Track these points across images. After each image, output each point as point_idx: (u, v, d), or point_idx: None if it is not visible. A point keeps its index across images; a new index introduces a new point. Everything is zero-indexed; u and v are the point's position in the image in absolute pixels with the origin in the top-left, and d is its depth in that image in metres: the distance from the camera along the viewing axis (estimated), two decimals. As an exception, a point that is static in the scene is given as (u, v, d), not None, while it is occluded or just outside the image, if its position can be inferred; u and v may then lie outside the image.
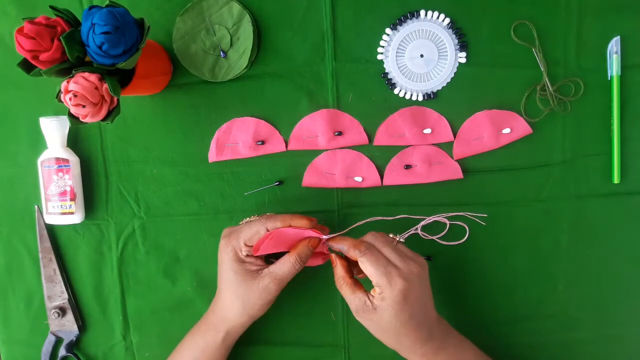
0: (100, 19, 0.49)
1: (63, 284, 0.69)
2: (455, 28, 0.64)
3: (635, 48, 0.64)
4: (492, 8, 0.64)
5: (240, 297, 0.59)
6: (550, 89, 0.64)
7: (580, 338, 0.68)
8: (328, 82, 0.65)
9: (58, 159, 0.66)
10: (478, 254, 0.67)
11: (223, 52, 0.64)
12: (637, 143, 0.65)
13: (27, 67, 0.52)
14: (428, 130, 0.65)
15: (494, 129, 0.65)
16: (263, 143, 0.66)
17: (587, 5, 0.63)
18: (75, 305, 0.70)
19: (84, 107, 0.51)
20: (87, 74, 0.51)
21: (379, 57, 0.65)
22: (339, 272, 0.58)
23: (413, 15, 0.64)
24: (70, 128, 0.67)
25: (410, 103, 0.66)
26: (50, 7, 0.52)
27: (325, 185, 0.67)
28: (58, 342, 0.70)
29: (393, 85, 0.65)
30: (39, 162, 0.66)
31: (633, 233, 0.67)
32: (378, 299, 0.54)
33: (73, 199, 0.66)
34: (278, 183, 0.67)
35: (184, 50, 0.65)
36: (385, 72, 0.65)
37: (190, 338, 0.63)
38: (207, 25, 0.64)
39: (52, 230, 0.69)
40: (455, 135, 0.66)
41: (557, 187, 0.66)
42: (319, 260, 0.63)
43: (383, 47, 0.65)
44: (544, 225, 0.67)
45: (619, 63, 0.63)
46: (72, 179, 0.66)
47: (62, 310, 0.69)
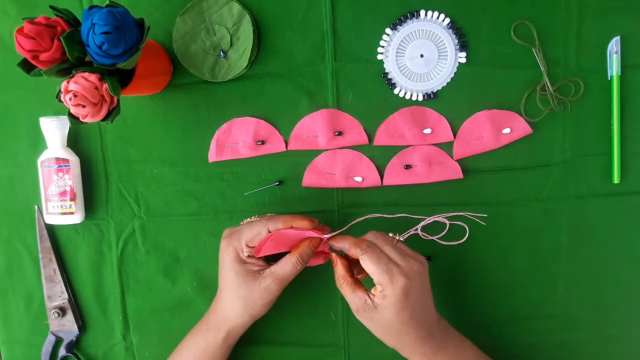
0: (100, 19, 0.49)
1: (63, 284, 0.69)
2: (455, 28, 0.64)
3: (635, 48, 0.64)
4: (492, 8, 0.64)
5: (242, 297, 0.59)
6: (550, 89, 0.64)
7: (580, 338, 0.68)
8: (328, 82, 0.65)
9: (58, 159, 0.66)
10: (478, 254, 0.67)
11: (223, 52, 0.64)
12: (637, 143, 0.65)
13: (27, 67, 0.52)
14: (428, 130, 0.65)
15: (494, 129, 0.65)
16: (263, 143, 0.66)
17: (587, 5, 0.63)
18: (75, 305, 0.70)
19: (84, 107, 0.51)
20: (87, 74, 0.51)
21: (379, 57, 0.65)
22: (340, 271, 0.58)
23: (413, 15, 0.64)
24: (70, 128, 0.67)
25: (410, 103, 0.66)
26: (50, 7, 0.52)
27: (325, 185, 0.67)
28: (58, 342, 0.70)
29: (393, 85, 0.65)
30: (39, 162, 0.66)
31: (633, 233, 0.67)
32: (379, 297, 0.54)
33: (73, 199, 0.66)
34: (278, 183, 0.67)
35: (184, 50, 0.65)
36: (385, 72, 0.65)
37: (191, 338, 0.63)
38: (207, 25, 0.64)
39: (52, 230, 0.69)
40: (455, 135, 0.66)
41: (557, 187, 0.66)
42: (320, 260, 0.63)
43: (383, 47, 0.65)
44: (544, 225, 0.67)
45: (619, 63, 0.63)
46: (72, 179, 0.66)
47: (62, 310, 0.69)
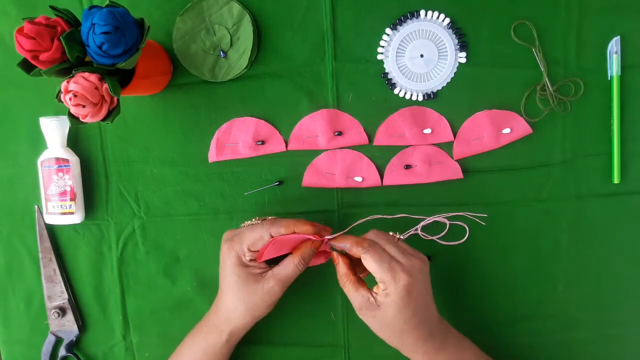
0: (100, 19, 0.49)
1: (63, 284, 0.69)
2: (455, 28, 0.64)
3: (635, 48, 0.64)
4: (492, 8, 0.64)
5: (244, 299, 0.59)
6: (550, 89, 0.64)
7: (580, 338, 0.68)
8: (328, 82, 0.65)
9: (58, 159, 0.66)
10: (478, 254, 0.67)
11: (223, 52, 0.64)
12: (637, 143, 0.65)
13: (27, 67, 0.52)
14: (428, 130, 0.65)
15: (494, 129, 0.65)
16: (263, 143, 0.66)
17: (587, 5, 0.63)
18: (75, 305, 0.70)
19: (84, 107, 0.51)
20: (87, 74, 0.51)
21: (379, 57, 0.65)
22: (342, 269, 0.58)
23: (413, 15, 0.64)
24: (70, 128, 0.67)
25: (410, 103, 0.66)
26: (50, 7, 0.52)
27: (325, 185, 0.67)
28: (58, 342, 0.70)
29: (393, 85, 0.65)
30: (39, 162, 0.66)
31: (633, 233, 0.67)
32: (382, 296, 0.54)
33: (73, 199, 0.66)
34: (278, 183, 0.67)
35: (184, 50, 0.65)
36: (385, 72, 0.65)
37: (192, 339, 0.63)
38: (207, 25, 0.64)
39: (52, 230, 0.69)
40: (455, 135, 0.66)
41: (557, 187, 0.66)
42: (321, 259, 0.63)
43: (383, 47, 0.65)
44: (544, 225, 0.67)
45: (619, 63, 0.63)
46: (72, 179, 0.66)
47: (62, 310, 0.69)
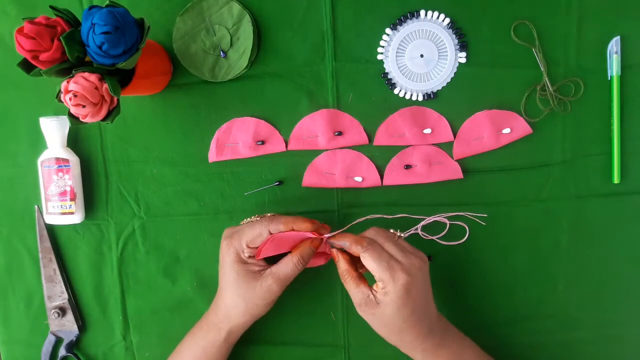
0: (100, 19, 0.49)
1: (63, 284, 0.69)
2: (455, 28, 0.64)
3: (635, 48, 0.64)
4: (492, 8, 0.64)
5: (243, 297, 0.59)
6: (550, 89, 0.64)
7: (580, 338, 0.68)
8: (328, 82, 0.65)
9: (58, 159, 0.66)
10: (478, 254, 0.67)
11: (223, 52, 0.64)
12: (637, 143, 0.65)
13: (27, 67, 0.52)
14: (428, 130, 0.65)
15: (494, 129, 0.65)
16: (263, 143, 0.66)
17: (587, 5, 0.63)
18: (75, 305, 0.70)
19: (84, 107, 0.51)
20: (87, 74, 0.51)
21: (379, 57, 0.65)
22: (342, 266, 0.58)
23: (413, 15, 0.64)
24: (70, 128, 0.67)
25: (410, 103, 0.66)
26: (50, 7, 0.52)
27: (325, 185, 0.67)
28: (58, 342, 0.70)
29: (393, 85, 0.65)
30: (39, 162, 0.66)
31: (633, 233, 0.67)
32: (381, 294, 0.54)
33: (73, 199, 0.66)
34: (278, 183, 0.67)
35: (184, 50, 0.65)
36: (385, 72, 0.65)
37: (191, 338, 0.63)
38: (207, 25, 0.64)
39: (52, 230, 0.69)
40: (455, 135, 0.66)
41: (557, 187, 0.66)
42: (321, 260, 0.63)
43: (383, 47, 0.65)
44: (544, 225, 0.67)
45: (619, 63, 0.63)
46: (72, 179, 0.66)
47: (62, 310, 0.69)
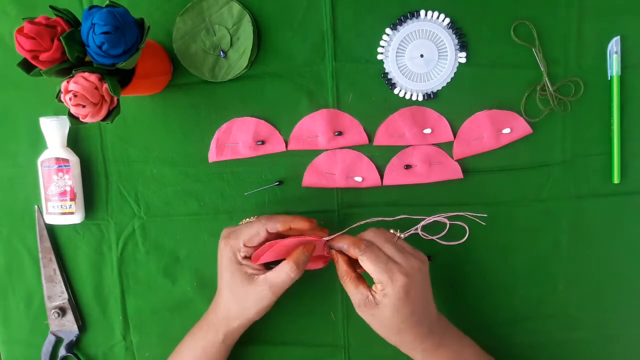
0: (100, 19, 0.49)
1: (63, 284, 0.69)
2: (455, 28, 0.64)
3: (635, 48, 0.64)
4: (492, 8, 0.64)
5: (237, 300, 0.59)
6: (550, 89, 0.64)
7: (580, 338, 0.68)
8: (328, 82, 0.65)
9: (58, 159, 0.66)
10: (478, 254, 0.67)
11: (223, 52, 0.64)
12: (637, 143, 0.65)
13: (27, 67, 0.52)
14: (428, 130, 0.65)
15: (494, 129, 0.65)
16: (263, 143, 0.66)
17: (587, 5, 0.63)
18: (75, 305, 0.70)
19: (84, 107, 0.51)
20: (87, 74, 0.51)
21: (379, 57, 0.65)
22: (342, 267, 0.58)
23: (413, 15, 0.64)
24: (70, 128, 0.67)
25: (410, 103, 0.66)
26: (50, 7, 0.52)
27: (325, 185, 0.67)
28: (58, 342, 0.70)
29: (393, 85, 0.65)
30: (39, 162, 0.66)
31: (633, 233, 0.67)
32: (380, 295, 0.54)
33: (73, 199, 0.66)
34: (278, 183, 0.67)
35: (184, 50, 0.65)
36: (385, 72, 0.65)
37: (191, 338, 0.63)
38: (207, 25, 0.64)
39: (52, 230, 0.69)
40: (455, 135, 0.66)
41: (557, 187, 0.66)
42: (320, 264, 0.63)
43: (383, 47, 0.65)
44: (544, 225, 0.67)
45: (619, 63, 0.63)
46: (72, 179, 0.66)
47: (62, 310, 0.69)
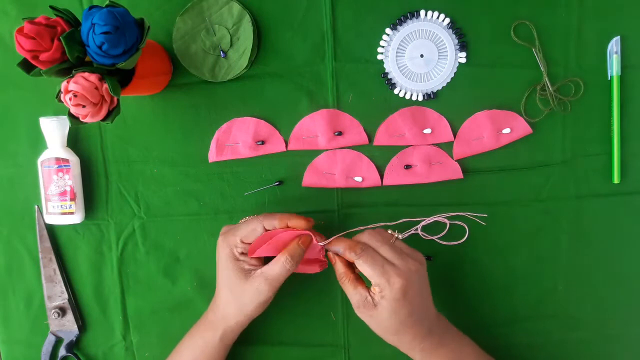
0: (100, 19, 0.49)
1: (63, 284, 0.69)
2: (455, 28, 0.64)
3: (635, 48, 0.64)
4: (492, 8, 0.64)
5: (236, 296, 0.59)
6: (550, 89, 0.64)
7: (580, 338, 0.68)
8: (328, 82, 0.65)
9: (58, 159, 0.66)
10: (478, 254, 0.67)
11: (223, 52, 0.64)
12: (637, 143, 0.65)
13: (27, 67, 0.52)
14: (428, 130, 0.65)
15: (494, 129, 0.65)
16: (263, 143, 0.66)
17: (587, 5, 0.63)
18: (75, 305, 0.70)
19: (84, 107, 0.51)
20: (87, 74, 0.51)
21: (379, 57, 0.65)
22: (340, 268, 0.58)
23: (413, 15, 0.64)
24: (70, 128, 0.67)
25: (410, 103, 0.66)
26: (50, 7, 0.52)
27: (325, 185, 0.67)
28: (58, 342, 0.70)
29: (393, 85, 0.65)
30: (39, 162, 0.66)
31: (633, 233, 0.67)
32: (378, 297, 0.55)
33: (73, 199, 0.66)
34: (278, 183, 0.67)
35: (184, 50, 0.65)
36: (385, 72, 0.65)
37: (190, 337, 0.63)
38: (207, 25, 0.64)
39: (52, 230, 0.69)
40: (455, 135, 0.66)
41: (557, 187, 0.66)
42: (316, 268, 0.62)
43: (383, 47, 0.65)
44: (544, 225, 0.67)
45: (619, 63, 0.63)
46: (72, 179, 0.66)
47: (62, 310, 0.69)
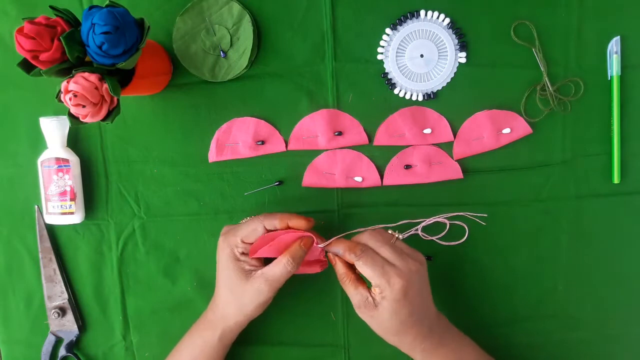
0: (100, 19, 0.49)
1: (63, 284, 0.69)
2: (455, 28, 0.64)
3: (635, 48, 0.64)
4: (492, 8, 0.64)
5: (235, 296, 0.59)
6: (550, 89, 0.64)
7: (580, 338, 0.68)
8: (328, 82, 0.65)
9: (58, 159, 0.66)
10: (478, 254, 0.67)
11: (223, 52, 0.64)
12: (637, 143, 0.65)
13: (27, 67, 0.52)
14: (428, 130, 0.65)
15: (494, 129, 0.65)
16: (263, 143, 0.66)
17: (587, 5, 0.63)
18: (75, 305, 0.70)
19: (84, 107, 0.51)
20: (87, 74, 0.51)
21: (379, 57, 0.65)
22: (340, 269, 0.58)
23: (413, 15, 0.64)
24: (70, 128, 0.67)
25: (410, 103, 0.66)
26: (50, 7, 0.52)
27: (325, 185, 0.67)
28: (58, 342, 0.70)
29: (393, 85, 0.65)
30: (39, 162, 0.66)
31: (633, 233, 0.67)
32: (379, 297, 0.55)
33: (73, 199, 0.66)
34: (278, 183, 0.67)
35: (184, 50, 0.65)
36: (385, 72, 0.65)
37: (189, 337, 0.63)
38: (207, 25, 0.64)
39: (52, 230, 0.69)
40: (455, 135, 0.66)
41: (557, 187, 0.66)
42: (317, 268, 0.62)
43: (383, 47, 0.65)
44: (544, 225, 0.67)
45: (619, 63, 0.63)
46: (72, 179, 0.66)
47: (62, 310, 0.69)
